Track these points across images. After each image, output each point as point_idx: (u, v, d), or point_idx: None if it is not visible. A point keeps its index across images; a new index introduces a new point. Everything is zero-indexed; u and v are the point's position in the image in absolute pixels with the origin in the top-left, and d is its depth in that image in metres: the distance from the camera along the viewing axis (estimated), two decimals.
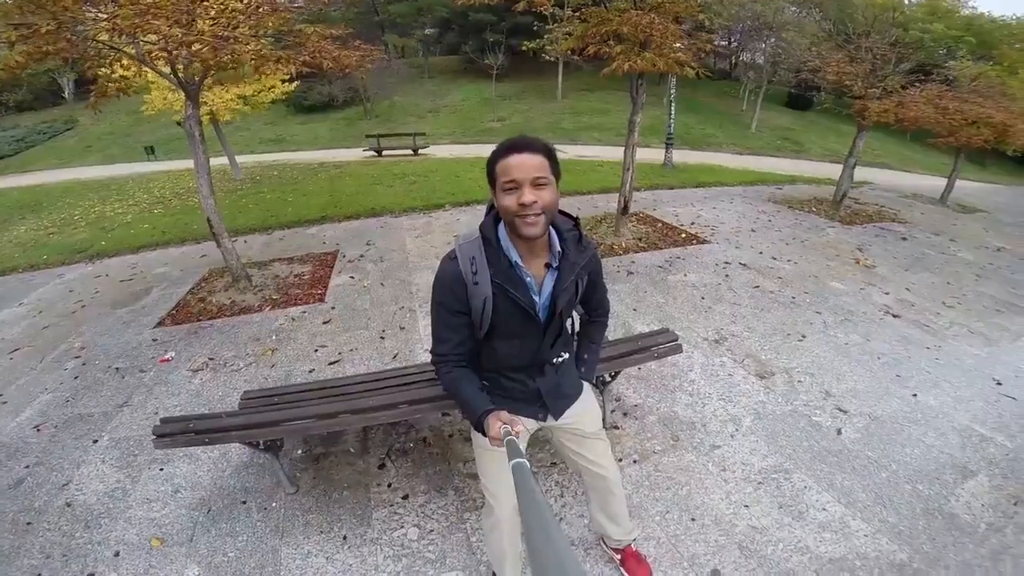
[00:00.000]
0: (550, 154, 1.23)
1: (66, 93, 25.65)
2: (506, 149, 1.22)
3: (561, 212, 1.34)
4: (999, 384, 3.29)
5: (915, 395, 3.13)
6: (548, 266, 1.34)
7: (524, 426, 1.47)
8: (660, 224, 6.95)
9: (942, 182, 11.17)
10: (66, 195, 11.61)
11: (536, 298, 1.33)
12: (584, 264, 1.38)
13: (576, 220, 1.41)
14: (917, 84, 8.44)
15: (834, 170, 10.39)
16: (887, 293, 4.79)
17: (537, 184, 1.19)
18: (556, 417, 1.55)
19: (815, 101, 23.42)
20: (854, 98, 8.00)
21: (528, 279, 1.31)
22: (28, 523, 2.30)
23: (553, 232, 1.33)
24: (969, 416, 2.94)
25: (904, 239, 6.92)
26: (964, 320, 4.28)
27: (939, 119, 7.97)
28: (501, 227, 1.31)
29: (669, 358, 3.32)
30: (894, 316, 4.28)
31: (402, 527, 2.17)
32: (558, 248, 1.33)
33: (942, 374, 3.39)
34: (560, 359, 1.51)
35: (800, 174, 12.49)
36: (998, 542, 2.08)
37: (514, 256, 1.29)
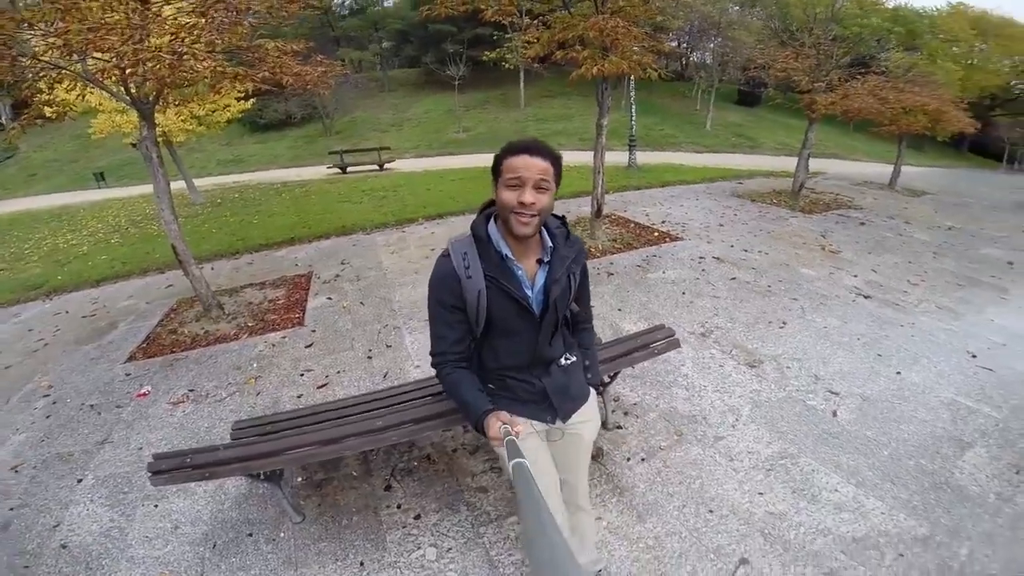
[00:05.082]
0: (557, 162, 1.30)
1: (2, 119, 24.14)
2: (518, 149, 1.26)
3: None
4: (974, 357, 3.46)
5: (899, 372, 3.26)
6: (540, 262, 1.39)
7: (533, 428, 1.48)
8: (632, 224, 7.08)
9: (887, 168, 11.83)
10: (12, 227, 10.93)
11: (529, 292, 1.37)
12: (574, 257, 1.43)
13: (563, 218, 1.47)
14: (857, 77, 8.93)
15: (788, 163, 10.85)
16: (855, 276, 5.00)
17: (539, 187, 1.25)
18: (564, 419, 1.54)
19: (763, 97, 24.46)
20: (801, 92, 8.39)
21: (520, 272, 1.35)
22: (25, 567, 2.16)
23: (543, 229, 1.39)
24: (953, 390, 3.08)
25: (863, 224, 7.27)
26: (930, 296, 4.51)
27: (880, 109, 8.45)
28: (491, 224, 1.37)
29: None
30: (865, 297, 4.47)
31: (419, 548, 2.10)
32: (549, 244, 1.39)
33: (920, 350, 3.54)
34: (568, 361, 1.52)
35: (757, 168, 12.97)
36: (1012, 511, 2.16)
37: (505, 250, 1.33)
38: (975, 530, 2.06)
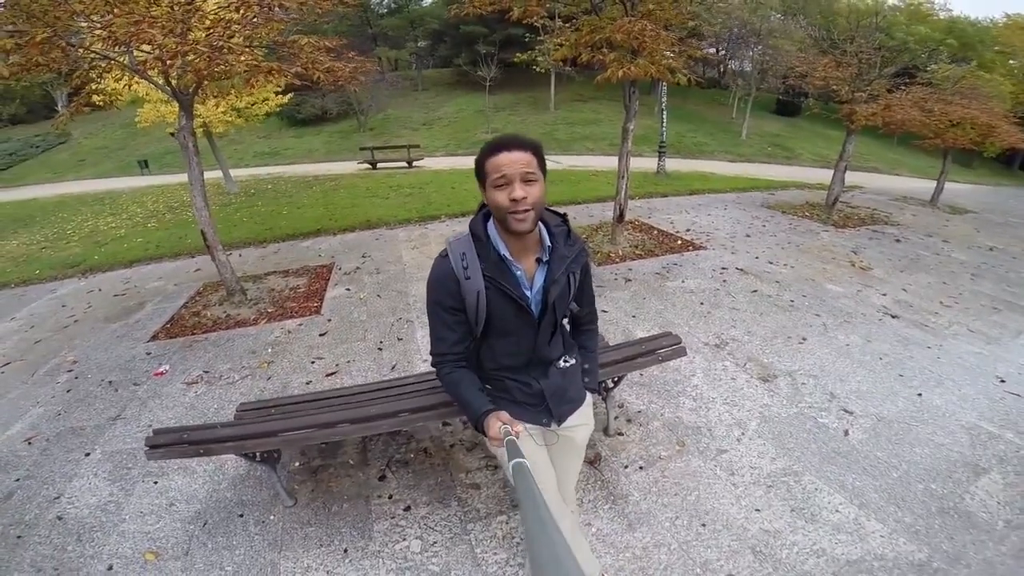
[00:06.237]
0: (537, 151, 1.26)
1: (59, 106, 25.50)
2: (495, 147, 1.24)
3: (549, 209, 1.38)
4: (1003, 381, 3.28)
5: (920, 394, 3.11)
6: (539, 261, 1.36)
7: (527, 431, 1.45)
8: (656, 231, 6.96)
9: (930, 184, 11.30)
10: (59, 209, 11.54)
11: (527, 292, 1.35)
12: (574, 258, 1.40)
13: (564, 216, 1.44)
14: (902, 87, 8.56)
15: (825, 175, 10.50)
16: (884, 294, 4.80)
17: (526, 180, 1.22)
18: (559, 422, 1.52)
19: (803, 107, 23.74)
20: (841, 103, 8.10)
21: (518, 272, 1.33)
22: (19, 536, 2.25)
23: (542, 228, 1.36)
24: (976, 414, 2.93)
25: (898, 241, 6.97)
26: (963, 319, 4.29)
27: (925, 121, 8.08)
28: (490, 223, 1.35)
29: (671, 363, 3.31)
30: (893, 317, 4.28)
31: (404, 539, 2.11)
32: (548, 243, 1.36)
33: (945, 373, 3.38)
34: (567, 363, 1.50)
35: (792, 180, 12.60)
36: (1019, 539, 2.05)
37: (503, 250, 1.31)
38: (976, 557, 1.96)
